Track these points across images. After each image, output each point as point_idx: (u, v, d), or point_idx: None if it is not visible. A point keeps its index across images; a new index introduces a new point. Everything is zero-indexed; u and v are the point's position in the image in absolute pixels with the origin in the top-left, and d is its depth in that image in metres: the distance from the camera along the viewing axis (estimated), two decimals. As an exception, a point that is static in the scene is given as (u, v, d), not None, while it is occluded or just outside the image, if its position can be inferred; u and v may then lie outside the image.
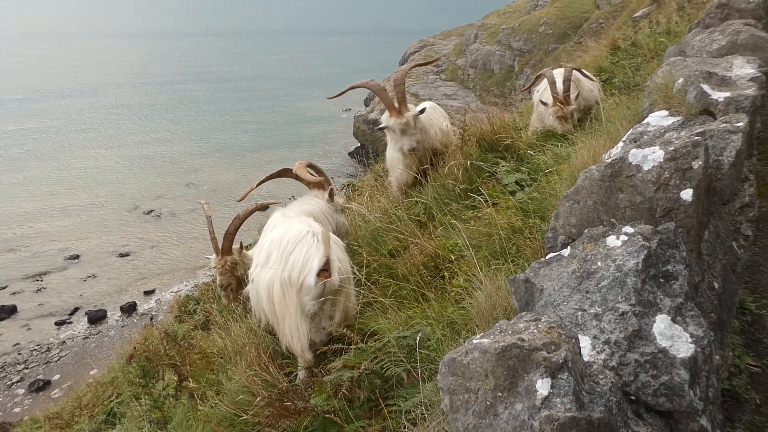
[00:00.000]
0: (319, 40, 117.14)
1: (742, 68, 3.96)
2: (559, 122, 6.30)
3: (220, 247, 5.41)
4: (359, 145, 41.97)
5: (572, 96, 6.35)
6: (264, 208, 5.60)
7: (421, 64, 7.30)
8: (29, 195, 33.13)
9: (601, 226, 2.20)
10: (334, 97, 7.00)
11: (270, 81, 70.51)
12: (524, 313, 1.68)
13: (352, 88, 6.70)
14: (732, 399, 2.83)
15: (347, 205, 5.53)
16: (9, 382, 18.14)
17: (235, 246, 5.48)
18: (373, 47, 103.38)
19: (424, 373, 2.63)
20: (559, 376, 1.41)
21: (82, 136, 45.54)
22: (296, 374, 3.92)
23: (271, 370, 3.72)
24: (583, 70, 6.95)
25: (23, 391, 17.71)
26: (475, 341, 1.52)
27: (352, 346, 3.29)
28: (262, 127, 50.24)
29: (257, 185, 5.24)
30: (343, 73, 76.01)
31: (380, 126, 5.58)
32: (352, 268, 4.11)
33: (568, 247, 2.14)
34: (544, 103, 6.49)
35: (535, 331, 1.51)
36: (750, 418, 2.77)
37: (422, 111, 5.69)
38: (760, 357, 3.14)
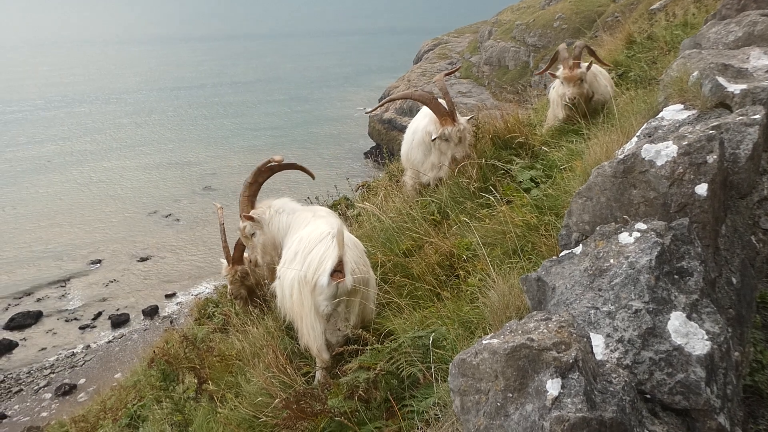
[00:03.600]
0: (332, 40, 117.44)
1: (759, 59, 3.89)
2: (566, 108, 6.43)
3: (232, 257, 5.43)
4: (374, 144, 42.03)
5: (584, 68, 6.42)
6: None
7: (449, 73, 7.18)
8: (49, 202, 33.72)
9: (614, 223, 2.18)
10: (372, 111, 7.01)
11: (283, 83, 70.90)
12: (535, 312, 1.67)
13: (391, 100, 6.55)
14: (754, 395, 2.78)
15: (362, 205, 5.46)
16: (36, 387, 18.48)
17: (246, 255, 5.48)
18: (386, 46, 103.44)
19: (438, 374, 2.62)
20: (570, 376, 1.40)
21: (100, 143, 46.24)
22: (314, 375, 3.95)
23: (288, 371, 3.75)
24: (592, 47, 7.01)
25: (50, 395, 18.03)
26: (484, 342, 1.51)
27: (368, 347, 3.30)
28: (278, 129, 50.58)
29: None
30: (356, 73, 76.24)
31: (434, 137, 5.40)
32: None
33: (580, 245, 2.12)
34: (554, 75, 6.62)
35: (545, 330, 1.50)
36: (773, 413, 2.71)
37: (471, 118, 5.69)
38: (783, 352, 3.07)
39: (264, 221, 4.60)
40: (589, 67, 6.48)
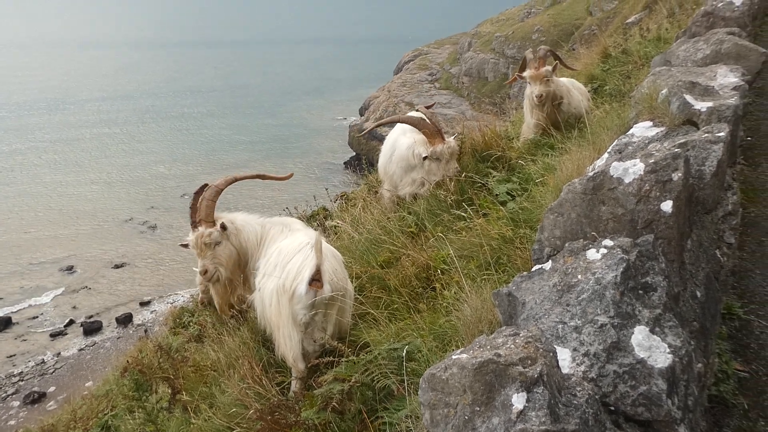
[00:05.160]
0: (312, 49, 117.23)
1: (726, 77, 4.02)
2: (535, 108, 6.63)
3: None
4: (354, 154, 42.06)
5: (549, 68, 6.60)
6: None
7: (428, 107, 7.13)
8: (23, 208, 33.09)
9: (582, 240, 2.25)
10: (365, 133, 7.12)
11: (263, 91, 70.54)
12: (504, 327, 1.72)
13: (381, 124, 6.65)
14: (720, 404, 2.84)
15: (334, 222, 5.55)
16: (4, 395, 18.09)
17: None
18: (366, 56, 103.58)
19: (411, 387, 2.65)
20: (535, 390, 1.45)
21: (74, 150, 45.46)
22: (289, 385, 3.95)
23: (263, 382, 3.75)
24: (559, 55, 7.16)
25: (18, 403, 17.66)
26: (454, 357, 1.56)
27: (344, 359, 3.32)
28: (256, 137, 50.32)
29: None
30: (336, 83, 76.27)
31: (425, 155, 5.58)
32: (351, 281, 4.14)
33: (550, 260, 2.18)
34: (521, 77, 6.76)
35: (512, 345, 1.54)
36: (738, 423, 2.78)
37: (456, 136, 5.89)
38: (748, 362, 3.15)
39: (233, 231, 4.59)
40: (555, 69, 6.65)
